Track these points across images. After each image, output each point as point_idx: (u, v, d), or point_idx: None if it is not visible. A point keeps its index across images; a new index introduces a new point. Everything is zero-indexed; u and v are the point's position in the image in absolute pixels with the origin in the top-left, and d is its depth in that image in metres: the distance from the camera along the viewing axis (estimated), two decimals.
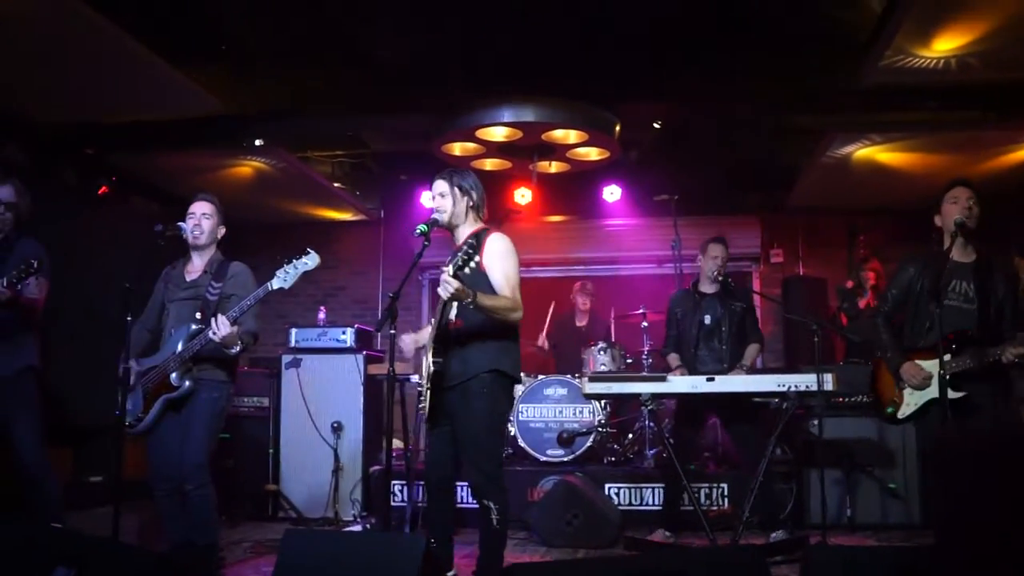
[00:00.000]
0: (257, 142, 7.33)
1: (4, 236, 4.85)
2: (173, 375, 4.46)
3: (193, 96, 6.37)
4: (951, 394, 4.29)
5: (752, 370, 6.15)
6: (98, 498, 6.30)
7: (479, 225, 4.24)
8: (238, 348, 4.49)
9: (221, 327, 4.28)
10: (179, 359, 4.46)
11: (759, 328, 6.26)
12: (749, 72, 6.49)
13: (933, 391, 4.38)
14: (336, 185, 8.87)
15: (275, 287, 4.36)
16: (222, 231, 4.89)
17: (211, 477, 4.56)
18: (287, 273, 4.37)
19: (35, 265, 4.43)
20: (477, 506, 4.04)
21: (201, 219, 4.75)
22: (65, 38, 5.44)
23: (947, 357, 4.30)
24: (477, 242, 4.00)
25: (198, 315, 4.54)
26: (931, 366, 4.40)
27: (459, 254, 3.68)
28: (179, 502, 4.52)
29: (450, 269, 3.68)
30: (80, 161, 7.48)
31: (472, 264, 3.72)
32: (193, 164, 7.88)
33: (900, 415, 4.61)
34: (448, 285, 3.67)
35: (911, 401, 4.56)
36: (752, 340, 6.08)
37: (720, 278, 6.01)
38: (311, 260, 4.44)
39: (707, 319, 6.01)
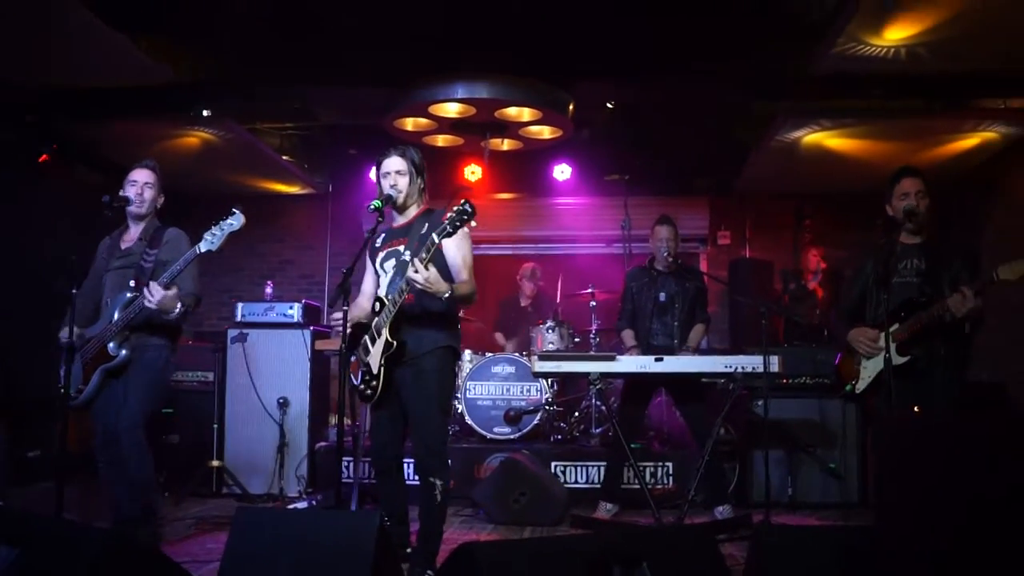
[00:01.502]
0: (204, 112, 7.18)
1: None
2: (111, 344, 4.45)
3: (139, 63, 6.19)
4: (897, 359, 4.37)
5: (697, 350, 6.24)
6: (36, 473, 6.20)
7: (424, 205, 4.23)
8: (178, 311, 4.43)
9: (155, 293, 4.27)
10: (115, 328, 4.44)
11: (707, 309, 6.34)
12: (704, 55, 6.51)
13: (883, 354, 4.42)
14: (284, 158, 8.74)
15: (203, 250, 4.35)
16: (161, 199, 4.85)
17: (153, 451, 4.54)
18: (214, 236, 4.35)
19: None
20: (420, 482, 4.04)
21: (143, 188, 4.72)
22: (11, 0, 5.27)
23: (895, 327, 4.40)
24: (433, 223, 3.95)
25: (132, 283, 4.51)
26: (874, 333, 4.53)
27: (446, 222, 3.61)
28: (122, 471, 4.47)
29: (420, 260, 3.64)
30: (20, 128, 7.25)
31: (446, 251, 3.73)
32: (139, 133, 7.69)
33: (858, 390, 4.70)
34: (420, 275, 3.63)
35: (865, 375, 4.68)
36: (699, 320, 6.17)
37: (670, 259, 6.07)
38: (236, 221, 4.42)
39: (662, 296, 6.09)
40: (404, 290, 3.84)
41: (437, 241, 3.65)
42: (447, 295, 3.76)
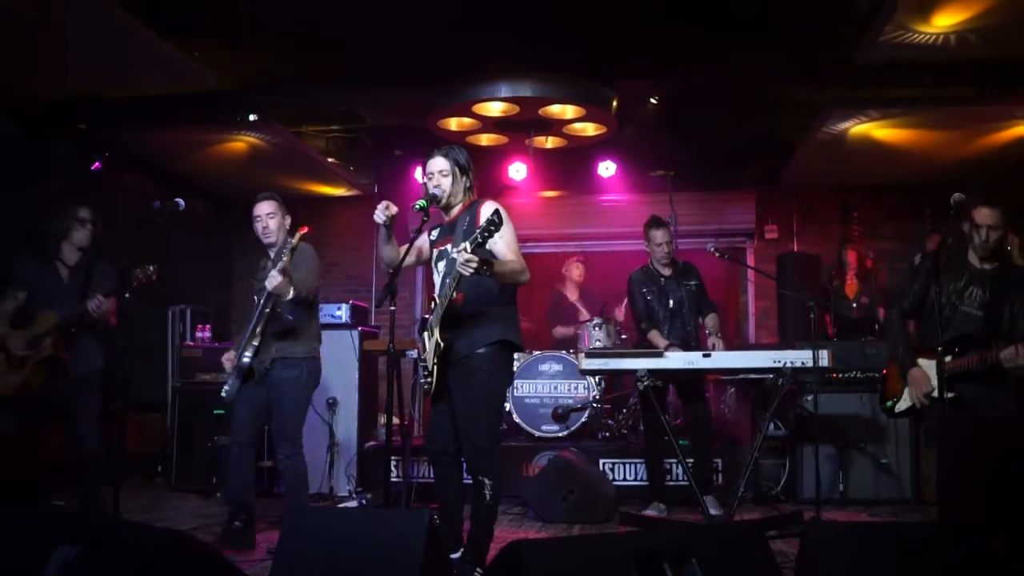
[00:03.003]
0: (251, 117, 7.28)
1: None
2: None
3: (187, 70, 6.30)
4: (949, 393, 4.38)
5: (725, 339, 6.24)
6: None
7: (469, 200, 4.24)
8: (291, 295, 4.75)
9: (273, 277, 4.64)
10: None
11: (710, 298, 6.36)
12: (748, 46, 6.46)
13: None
14: (330, 160, 8.82)
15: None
16: (288, 220, 5.14)
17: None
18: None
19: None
20: (471, 481, 4.07)
21: (267, 220, 5.02)
22: (60, 11, 5.37)
23: (948, 359, 4.39)
24: (473, 215, 4.00)
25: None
26: (930, 367, 4.48)
27: (478, 231, 3.65)
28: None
29: (467, 245, 3.66)
30: (74, 137, 7.40)
31: (492, 240, 3.75)
32: (187, 140, 7.83)
33: (897, 409, 4.67)
34: (471, 263, 3.65)
35: (907, 398, 4.67)
36: (708, 311, 6.19)
37: (666, 261, 6.13)
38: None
39: (671, 302, 6.09)
40: (453, 287, 3.87)
41: (470, 249, 3.66)
42: (486, 271, 3.75)
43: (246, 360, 4.88)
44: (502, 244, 3.98)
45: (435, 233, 4.30)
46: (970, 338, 4.43)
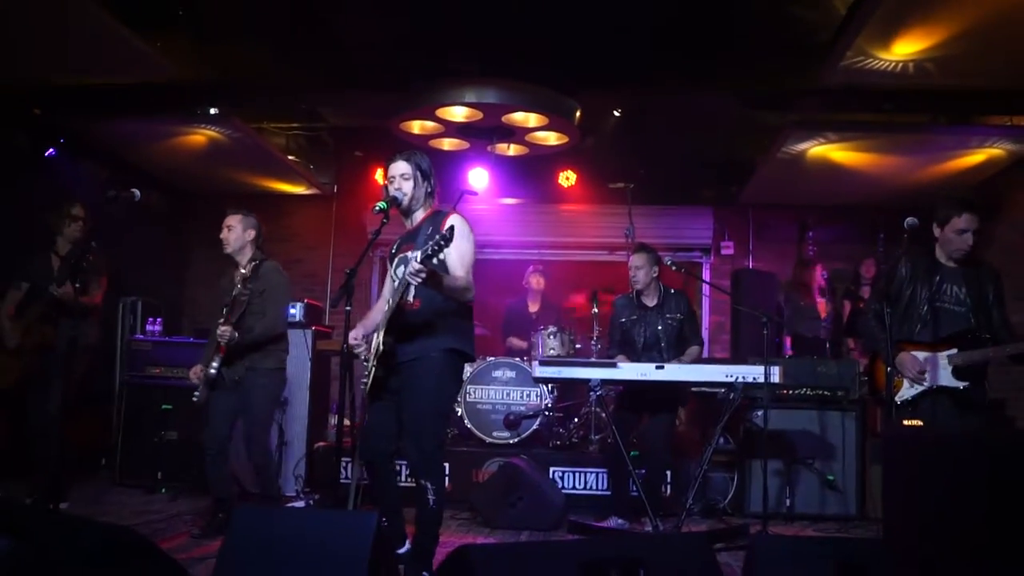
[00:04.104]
0: (212, 110, 7.21)
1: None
2: None
3: (148, 61, 6.23)
4: (953, 383, 4.49)
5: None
6: None
7: (431, 207, 4.24)
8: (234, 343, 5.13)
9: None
10: None
11: (699, 332, 6.34)
12: (712, 66, 6.54)
13: (927, 383, 4.55)
14: (290, 158, 8.76)
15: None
16: (250, 235, 5.41)
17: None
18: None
19: None
20: (413, 485, 4.04)
21: (225, 230, 5.30)
22: None
23: (954, 351, 4.50)
24: (437, 225, 3.99)
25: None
26: (925, 356, 4.56)
27: (431, 243, 3.64)
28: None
29: (419, 255, 3.65)
30: (29, 124, 7.28)
31: (441, 256, 3.71)
32: (146, 130, 7.71)
33: (899, 399, 4.69)
34: (420, 274, 3.65)
35: (909, 387, 4.68)
36: (693, 343, 6.10)
37: (644, 290, 6.05)
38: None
39: (647, 335, 6.03)
40: (401, 292, 3.88)
41: (419, 262, 3.62)
42: (434, 283, 3.76)
43: (213, 372, 5.07)
44: (455, 257, 3.99)
45: (395, 247, 4.29)
46: (969, 334, 4.53)
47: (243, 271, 5.18)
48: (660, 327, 6.01)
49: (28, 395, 5.77)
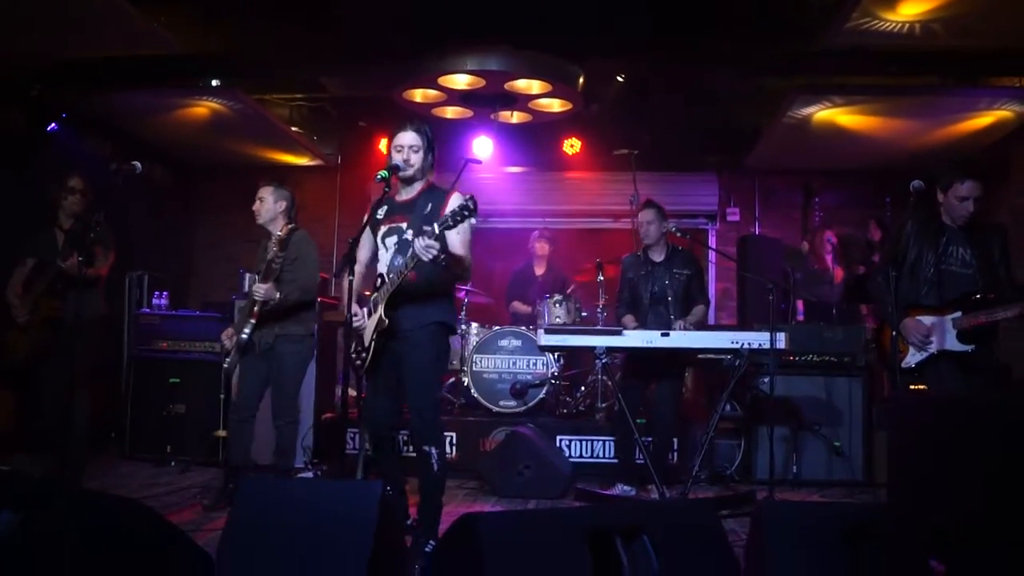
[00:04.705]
0: (214, 82, 7.17)
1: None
2: None
3: (150, 33, 6.19)
4: (959, 347, 4.49)
5: (699, 326, 6.16)
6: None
7: (429, 181, 4.24)
8: (276, 300, 5.28)
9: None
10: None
11: (706, 291, 6.30)
12: (715, 30, 6.46)
13: (933, 348, 4.56)
14: (294, 129, 8.73)
15: None
16: (281, 206, 5.55)
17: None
18: None
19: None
20: (416, 454, 4.10)
21: (257, 202, 5.45)
22: None
23: (958, 314, 4.49)
24: (436, 203, 4.04)
25: None
26: (931, 320, 4.55)
27: (448, 216, 3.68)
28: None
29: (434, 228, 3.69)
30: (31, 99, 7.23)
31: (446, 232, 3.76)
32: (148, 103, 7.68)
33: (904, 364, 4.68)
34: (431, 249, 3.69)
35: (915, 352, 4.68)
36: (699, 302, 6.08)
37: (654, 245, 6.03)
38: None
39: (655, 288, 6.01)
40: (407, 268, 3.88)
41: (437, 232, 3.70)
42: (442, 259, 3.79)
43: (245, 336, 5.19)
44: (457, 237, 3.99)
45: (382, 211, 4.25)
46: (974, 295, 4.51)
47: (278, 235, 5.30)
48: (667, 281, 6.00)
49: (41, 370, 5.73)
